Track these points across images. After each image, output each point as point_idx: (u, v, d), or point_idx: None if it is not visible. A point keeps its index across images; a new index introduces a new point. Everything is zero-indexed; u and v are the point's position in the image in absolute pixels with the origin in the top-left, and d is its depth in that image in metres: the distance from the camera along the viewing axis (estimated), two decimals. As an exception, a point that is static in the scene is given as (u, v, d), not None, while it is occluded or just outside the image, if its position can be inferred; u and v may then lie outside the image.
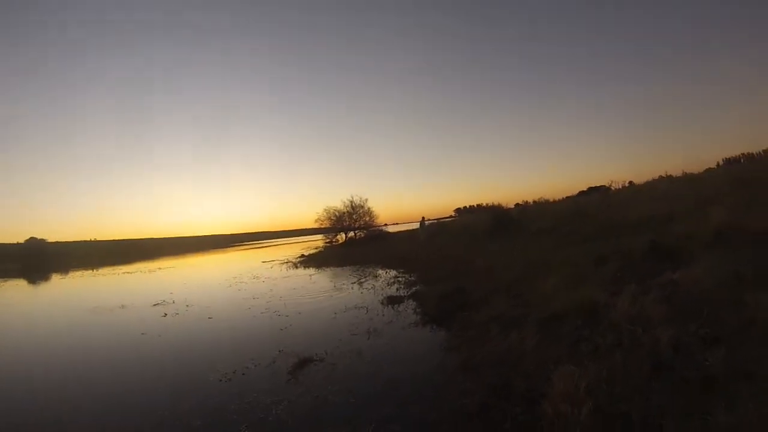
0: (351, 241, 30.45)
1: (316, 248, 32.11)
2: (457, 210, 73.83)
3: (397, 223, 60.32)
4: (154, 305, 11.39)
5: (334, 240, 31.84)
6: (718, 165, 31.79)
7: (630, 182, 28.13)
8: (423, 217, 23.23)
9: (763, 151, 30.39)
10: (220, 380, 4.92)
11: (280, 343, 6.11)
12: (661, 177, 24.98)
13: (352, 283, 11.42)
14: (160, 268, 28.30)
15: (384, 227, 34.14)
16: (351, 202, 31.29)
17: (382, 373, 4.48)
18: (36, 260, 49.42)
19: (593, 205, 17.70)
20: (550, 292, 5.87)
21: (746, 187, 11.37)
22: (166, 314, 9.74)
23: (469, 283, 8.20)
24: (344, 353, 5.31)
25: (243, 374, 5.03)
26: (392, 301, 8.13)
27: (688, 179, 18.74)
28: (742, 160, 31.54)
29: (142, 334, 8.04)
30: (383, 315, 7.18)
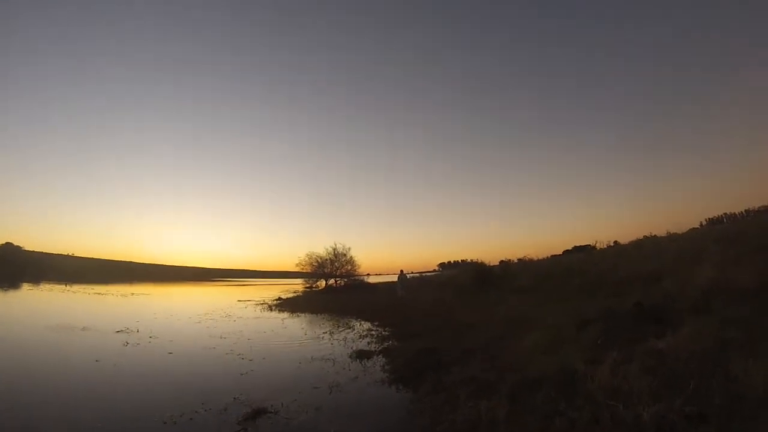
0: (330, 289, 29.95)
1: (294, 292, 31.47)
2: (441, 264, 73.95)
3: (379, 274, 59.72)
4: (117, 332, 10.93)
5: (314, 286, 31.32)
6: (701, 225, 32.55)
7: (615, 242, 28.51)
8: (401, 270, 22.80)
9: (745, 210, 31.31)
10: (164, 423, 4.59)
11: (238, 389, 5.79)
12: (645, 237, 25.39)
13: (324, 333, 11.03)
14: (133, 294, 27.38)
15: (365, 277, 33.78)
16: (334, 249, 31.17)
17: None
18: (9, 267, 47.70)
19: (579, 264, 17.77)
20: (527, 355, 5.73)
21: (731, 244, 11.47)
22: (127, 343, 9.30)
23: (445, 341, 7.98)
24: (302, 407, 5.00)
25: (190, 419, 4.70)
26: (361, 355, 7.81)
27: (672, 239, 18.99)
28: (724, 220, 32.41)
29: (96, 361, 7.67)
30: (350, 369, 6.85)
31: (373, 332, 10.79)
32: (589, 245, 29.45)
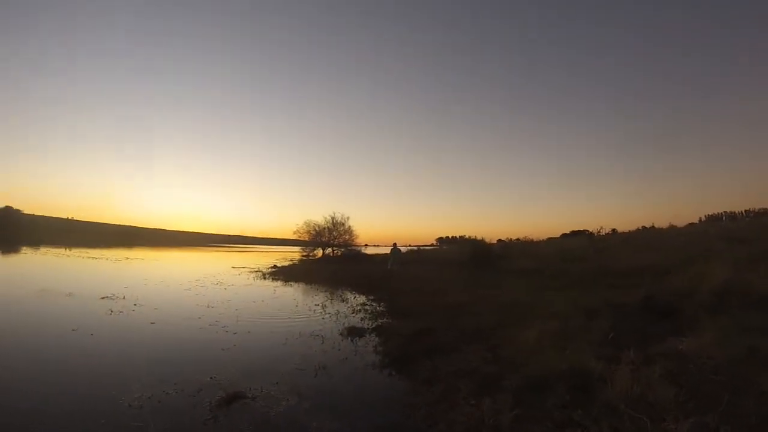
0: (327, 258, 29.52)
1: (290, 260, 31.16)
2: (439, 239, 73.66)
3: (377, 245, 59.35)
4: (102, 298, 10.54)
5: (311, 254, 30.90)
6: (700, 220, 32.15)
7: (613, 230, 28.11)
8: (395, 243, 22.07)
9: (745, 211, 30.77)
10: (129, 405, 4.13)
11: (216, 368, 5.33)
12: (644, 227, 24.94)
13: (316, 305, 10.57)
14: (128, 258, 27.05)
15: (363, 247, 33.36)
16: (332, 218, 30.55)
17: (320, 428, 3.73)
18: (9, 230, 47.48)
19: (580, 249, 17.32)
20: (532, 348, 5.19)
21: (740, 244, 10.98)
22: (111, 311, 8.88)
23: (443, 322, 7.49)
24: (283, 393, 4.51)
25: (159, 402, 4.24)
26: (353, 332, 7.33)
27: (676, 232, 18.53)
28: (724, 218, 31.97)
29: (73, 330, 7.26)
30: (339, 349, 6.35)
31: (367, 307, 10.34)
32: (587, 231, 29.06)
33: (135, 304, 9.79)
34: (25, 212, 61.45)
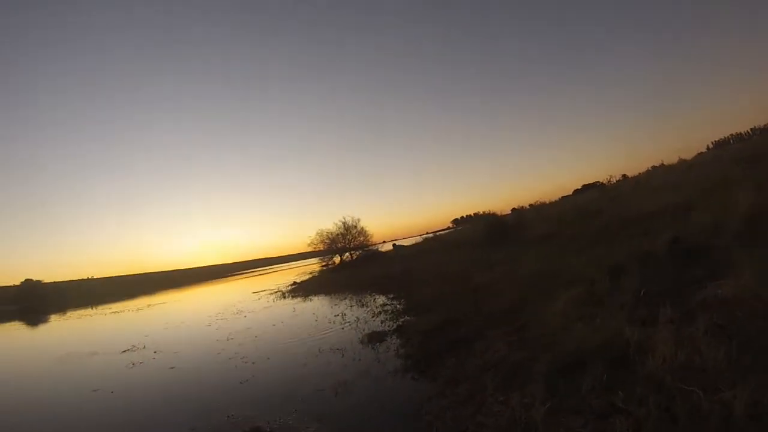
0: (345, 264, 29.24)
1: (310, 273, 30.97)
2: (455, 221, 72.96)
3: (395, 240, 59.08)
4: (124, 351, 10.46)
5: (329, 263, 30.67)
6: (708, 148, 30.82)
7: (624, 175, 27.27)
8: (394, 243, 21.72)
9: (751, 129, 29.28)
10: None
11: (234, 403, 5.11)
12: (654, 167, 23.93)
13: (335, 316, 10.26)
14: (149, 305, 27.18)
15: (381, 245, 33.02)
16: (344, 223, 30.25)
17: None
18: (33, 301, 48.29)
19: (594, 203, 16.67)
20: (559, 323, 4.74)
21: (759, 163, 10.27)
22: (133, 364, 8.73)
23: (463, 309, 7.11)
24: (302, 421, 4.20)
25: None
26: (373, 338, 6.99)
27: (687, 166, 17.67)
28: (731, 141, 30.60)
29: (94, 390, 7.17)
30: (360, 360, 6.01)
31: (387, 307, 10.01)
32: (599, 182, 28.29)
33: (155, 352, 9.64)
34: (46, 281, 62.51)
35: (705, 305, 3.83)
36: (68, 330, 19.85)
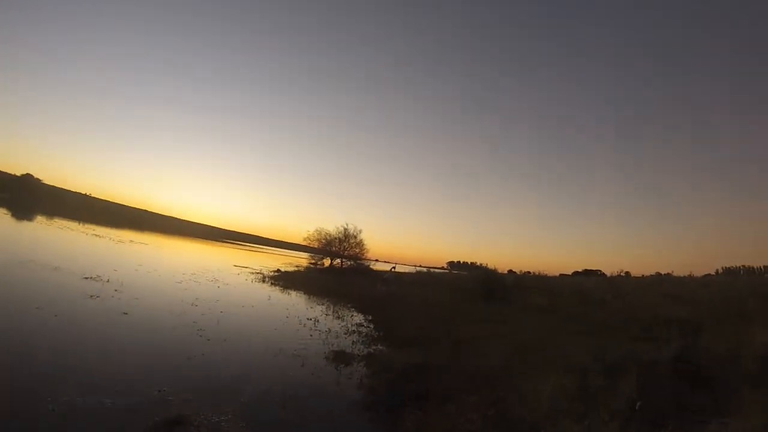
0: (333, 269, 28.63)
1: (296, 266, 30.42)
2: (450, 263, 72.21)
3: (387, 262, 58.34)
4: (86, 278, 9.99)
5: (318, 263, 30.06)
6: (717, 272, 30.17)
7: (626, 272, 26.73)
8: (393, 266, 21.13)
9: (763, 266, 28.67)
10: (53, 410, 3.42)
11: (172, 379, 4.56)
12: (658, 273, 23.50)
13: (308, 319, 9.68)
14: (132, 241, 26.68)
15: (373, 262, 32.38)
16: (345, 229, 29.71)
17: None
18: (27, 198, 47.89)
19: (597, 290, 16.16)
20: (544, 410, 4.23)
21: None
22: (90, 296, 8.18)
23: (442, 357, 6.56)
24: (235, 427, 3.65)
25: (87, 413, 3.47)
26: (340, 358, 6.42)
27: (699, 283, 17.16)
28: (742, 272, 29.95)
29: (36, 308, 6.65)
30: (319, 377, 5.45)
31: (363, 329, 9.43)
32: (600, 271, 27.89)
33: (116, 290, 9.12)
34: (45, 182, 62.21)
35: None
36: (45, 235, 19.44)
